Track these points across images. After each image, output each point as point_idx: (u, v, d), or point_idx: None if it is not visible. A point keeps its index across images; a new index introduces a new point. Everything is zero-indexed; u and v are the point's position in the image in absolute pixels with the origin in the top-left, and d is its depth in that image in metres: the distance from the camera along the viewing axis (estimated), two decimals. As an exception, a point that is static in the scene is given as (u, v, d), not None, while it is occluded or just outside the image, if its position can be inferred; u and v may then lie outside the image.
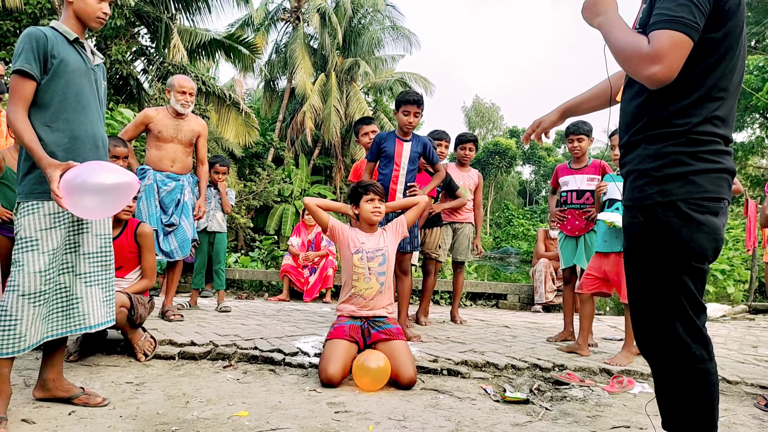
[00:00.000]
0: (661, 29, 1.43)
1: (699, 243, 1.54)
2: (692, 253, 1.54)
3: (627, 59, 1.48)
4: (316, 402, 2.56)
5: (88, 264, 2.37)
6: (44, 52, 2.19)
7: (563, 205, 4.17)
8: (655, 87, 1.47)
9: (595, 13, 1.63)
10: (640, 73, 1.46)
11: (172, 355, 3.23)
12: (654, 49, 1.42)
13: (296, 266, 6.70)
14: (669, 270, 1.56)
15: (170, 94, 4.18)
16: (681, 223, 1.53)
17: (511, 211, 44.38)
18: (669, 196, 1.54)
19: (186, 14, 13.44)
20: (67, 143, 2.25)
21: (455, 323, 4.93)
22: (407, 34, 22.30)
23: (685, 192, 1.53)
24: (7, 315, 2.11)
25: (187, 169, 4.32)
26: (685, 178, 1.53)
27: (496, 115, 54.20)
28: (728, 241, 8.30)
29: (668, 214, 1.54)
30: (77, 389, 2.41)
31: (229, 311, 4.95)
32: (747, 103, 15.02)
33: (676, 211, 1.53)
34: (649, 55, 1.42)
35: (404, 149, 3.91)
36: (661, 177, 1.55)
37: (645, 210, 1.58)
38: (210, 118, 14.05)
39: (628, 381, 3.05)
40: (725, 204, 1.58)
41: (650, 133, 1.59)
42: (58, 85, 2.23)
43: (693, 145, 1.53)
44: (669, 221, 1.54)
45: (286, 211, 18.98)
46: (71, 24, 2.33)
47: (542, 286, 6.66)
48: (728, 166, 1.56)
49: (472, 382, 3.03)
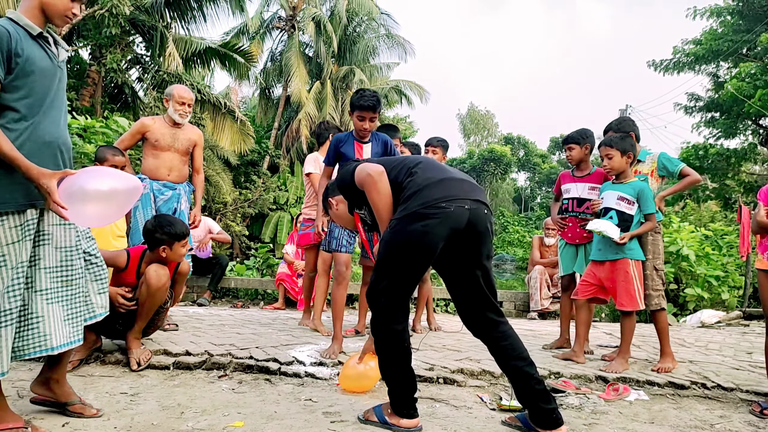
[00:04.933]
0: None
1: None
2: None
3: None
4: (311, 412, 2.55)
5: (49, 279, 2.14)
6: (8, 51, 1.96)
7: (565, 212, 4.17)
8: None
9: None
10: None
11: (167, 365, 3.21)
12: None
13: (291, 274, 6.68)
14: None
15: (168, 103, 4.18)
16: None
17: (507, 218, 44.44)
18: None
19: (181, 23, 13.46)
20: (30, 148, 2.03)
21: (431, 329, 4.91)
22: (402, 43, 22.39)
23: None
24: None
25: (184, 178, 4.32)
26: None
27: (491, 122, 54.38)
28: (722, 247, 8.33)
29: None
30: (75, 396, 2.40)
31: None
32: (739, 110, 15.14)
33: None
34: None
35: (364, 151, 3.69)
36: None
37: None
38: (205, 126, 14.04)
39: (624, 388, 3.05)
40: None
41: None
42: (23, 87, 2.02)
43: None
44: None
45: (281, 219, 18.95)
46: (32, 14, 2.09)
47: (537, 293, 6.66)
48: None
49: (468, 391, 3.03)
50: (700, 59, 17.28)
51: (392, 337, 2.29)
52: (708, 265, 7.06)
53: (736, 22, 16.69)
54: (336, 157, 3.69)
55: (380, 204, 2.30)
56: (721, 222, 13.67)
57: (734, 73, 15.35)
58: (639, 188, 3.53)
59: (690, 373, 3.43)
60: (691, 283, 6.89)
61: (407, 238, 2.20)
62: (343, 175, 2.51)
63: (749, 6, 16.24)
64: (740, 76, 14.29)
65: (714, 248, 7.85)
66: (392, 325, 2.29)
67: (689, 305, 6.86)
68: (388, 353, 2.31)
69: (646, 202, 3.50)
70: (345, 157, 3.62)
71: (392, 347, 2.30)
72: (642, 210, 3.51)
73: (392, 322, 2.29)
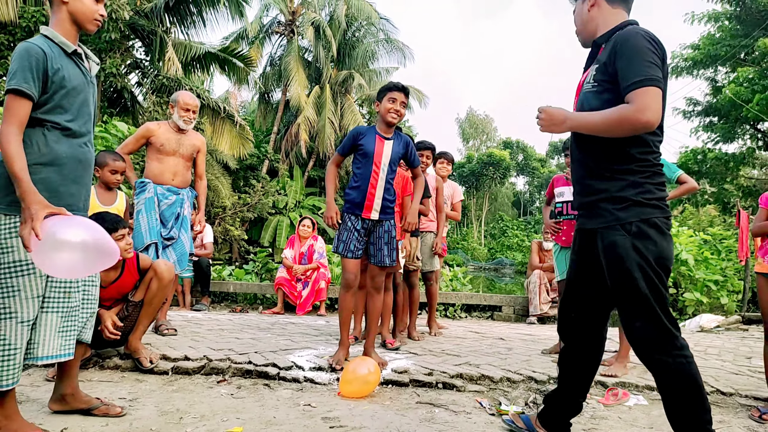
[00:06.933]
0: (640, 88, 1.81)
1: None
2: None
3: (620, 122, 1.84)
4: (310, 417, 2.54)
5: (49, 288, 2.15)
6: (44, 70, 2.05)
7: (558, 215, 4.18)
8: (650, 129, 1.83)
9: (559, 122, 2.00)
10: (637, 124, 1.81)
11: (166, 370, 3.21)
12: (641, 104, 1.79)
13: (290, 279, 6.68)
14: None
15: (173, 109, 4.21)
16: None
17: (506, 222, 44.50)
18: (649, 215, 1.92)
19: (181, 27, 13.51)
20: (66, 163, 2.14)
21: (431, 334, 4.91)
22: (401, 47, 22.49)
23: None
24: (7, 344, 2.01)
25: (187, 183, 4.33)
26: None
27: (489, 126, 54.55)
28: (721, 252, 8.34)
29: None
30: (95, 401, 2.44)
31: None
32: (737, 115, 15.19)
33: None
34: (638, 109, 1.79)
35: (385, 148, 3.41)
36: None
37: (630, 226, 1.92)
38: (204, 131, 14.07)
39: (623, 393, 3.05)
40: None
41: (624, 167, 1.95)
42: (60, 103, 2.11)
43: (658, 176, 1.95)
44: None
45: (280, 223, 18.97)
46: (65, 29, 2.17)
47: (537, 298, 6.66)
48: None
49: (467, 396, 3.02)
50: (698, 64, 17.35)
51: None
52: (707, 270, 7.07)
53: (733, 27, 16.77)
54: (351, 148, 3.46)
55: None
56: (720, 226, 13.67)
57: (732, 78, 15.42)
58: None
59: (689, 378, 3.43)
60: (690, 288, 6.90)
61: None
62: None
63: (747, 11, 16.32)
64: (738, 80, 14.35)
65: (713, 252, 7.86)
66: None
67: (688, 310, 6.86)
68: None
69: None
70: (363, 150, 3.39)
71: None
72: None
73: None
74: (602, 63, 1.95)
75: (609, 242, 1.94)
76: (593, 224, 2.02)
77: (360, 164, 3.41)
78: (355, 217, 3.40)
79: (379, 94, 3.47)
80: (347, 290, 3.42)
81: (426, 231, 4.87)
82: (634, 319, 1.92)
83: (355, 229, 3.39)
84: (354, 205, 3.40)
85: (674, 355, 1.86)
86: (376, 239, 3.44)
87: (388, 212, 3.46)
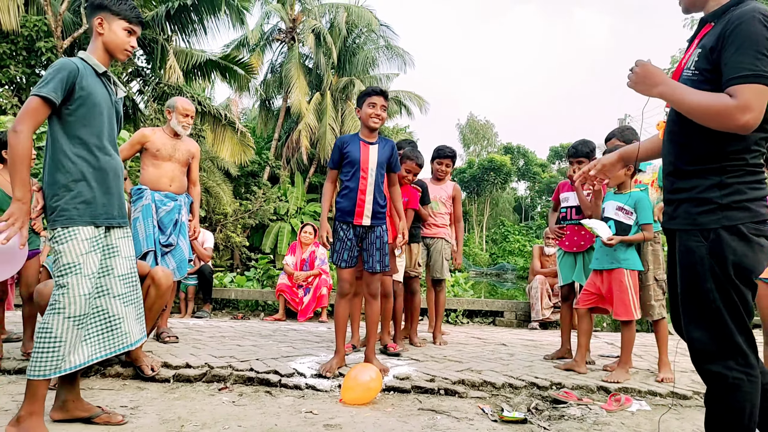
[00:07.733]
0: (745, 84, 1.59)
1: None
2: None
3: (715, 114, 1.63)
4: (312, 424, 2.54)
5: (123, 285, 2.48)
6: (72, 82, 2.28)
7: (563, 221, 4.18)
8: (746, 133, 1.64)
9: (651, 84, 1.77)
10: (731, 124, 1.61)
11: (167, 378, 3.21)
12: (744, 102, 1.58)
13: (291, 285, 6.68)
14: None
15: (171, 114, 4.22)
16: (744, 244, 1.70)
17: (507, 228, 44.47)
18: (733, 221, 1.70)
19: (182, 35, 13.57)
20: (95, 175, 2.35)
21: (435, 344, 4.68)
22: (401, 54, 22.56)
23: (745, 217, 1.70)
24: (52, 337, 2.20)
25: (184, 189, 4.33)
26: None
27: (490, 132, 54.62)
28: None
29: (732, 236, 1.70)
30: (96, 409, 2.47)
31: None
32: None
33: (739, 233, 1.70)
34: (738, 107, 1.58)
35: (371, 153, 3.43)
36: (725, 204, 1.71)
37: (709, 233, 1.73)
38: (206, 138, 14.11)
39: (626, 399, 3.04)
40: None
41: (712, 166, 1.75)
42: (87, 117, 2.33)
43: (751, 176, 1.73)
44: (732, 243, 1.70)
45: (282, 230, 18.98)
46: (99, 55, 2.46)
47: (538, 303, 6.65)
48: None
49: (469, 402, 3.02)
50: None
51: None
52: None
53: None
54: (340, 158, 3.49)
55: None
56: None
57: None
58: (637, 198, 3.54)
59: (692, 383, 3.42)
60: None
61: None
62: None
63: None
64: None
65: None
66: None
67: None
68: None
69: (642, 212, 3.51)
70: (349, 158, 3.43)
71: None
72: (638, 220, 3.52)
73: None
74: (707, 48, 1.71)
75: (685, 247, 1.79)
76: (672, 225, 1.86)
77: (347, 172, 3.45)
78: (346, 226, 3.44)
79: (358, 100, 3.55)
80: (342, 298, 3.47)
81: (437, 237, 4.79)
82: (697, 329, 1.75)
83: (348, 238, 3.43)
84: (345, 213, 3.44)
85: (733, 368, 1.68)
86: (369, 245, 3.46)
87: (379, 217, 3.48)
